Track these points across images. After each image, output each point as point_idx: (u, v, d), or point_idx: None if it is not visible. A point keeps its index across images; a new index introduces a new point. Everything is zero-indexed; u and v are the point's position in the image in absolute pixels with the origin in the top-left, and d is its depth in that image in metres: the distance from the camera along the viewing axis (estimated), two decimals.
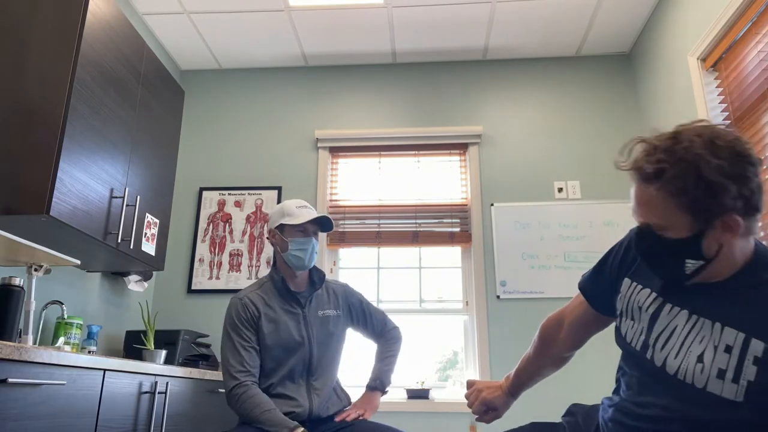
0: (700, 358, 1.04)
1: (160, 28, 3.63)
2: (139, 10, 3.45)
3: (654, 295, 1.15)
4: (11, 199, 2.00)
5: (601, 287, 1.29)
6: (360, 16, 3.48)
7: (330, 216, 3.67)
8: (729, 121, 2.71)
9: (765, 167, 2.45)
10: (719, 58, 2.76)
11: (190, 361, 3.05)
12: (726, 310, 1.04)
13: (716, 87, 2.82)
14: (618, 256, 1.26)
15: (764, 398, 0.98)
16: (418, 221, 3.65)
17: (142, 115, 2.68)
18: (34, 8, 2.22)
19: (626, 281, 1.22)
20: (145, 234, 2.68)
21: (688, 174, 0.97)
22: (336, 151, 3.84)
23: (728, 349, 1.01)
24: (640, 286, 1.18)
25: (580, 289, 1.37)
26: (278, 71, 4.04)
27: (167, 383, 2.30)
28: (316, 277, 2.10)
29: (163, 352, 2.81)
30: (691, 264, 1.03)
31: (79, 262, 2.13)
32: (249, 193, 3.75)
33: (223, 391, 3.00)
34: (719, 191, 0.96)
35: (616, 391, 1.27)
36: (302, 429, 1.73)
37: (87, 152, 2.21)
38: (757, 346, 0.99)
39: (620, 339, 1.21)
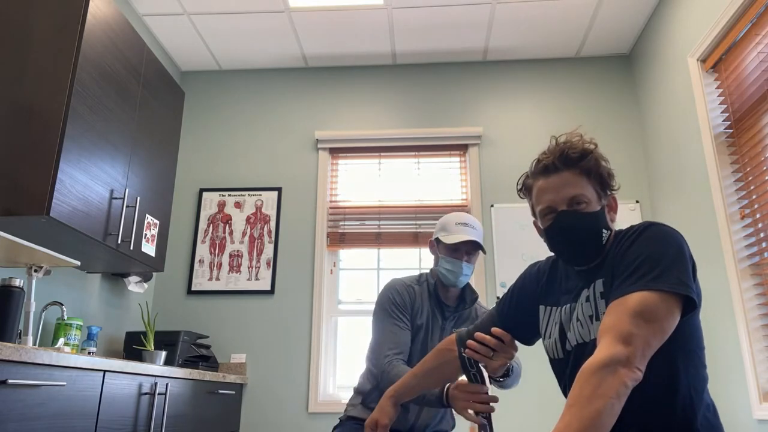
0: (579, 321, 1.27)
1: (160, 30, 3.63)
2: (140, 11, 3.46)
3: (554, 308, 1.37)
4: (11, 200, 2.00)
5: (519, 320, 1.46)
6: (360, 17, 3.49)
7: (332, 216, 3.69)
8: (729, 122, 2.71)
9: (765, 168, 2.45)
10: (719, 59, 2.76)
11: (190, 362, 3.05)
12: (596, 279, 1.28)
13: (716, 88, 2.82)
14: (527, 289, 1.46)
15: None
16: (418, 222, 3.65)
17: (143, 116, 2.68)
18: (34, 9, 2.22)
19: (541, 308, 1.42)
20: (145, 235, 2.68)
21: (598, 161, 1.28)
22: (336, 152, 3.84)
23: (589, 300, 1.25)
24: (550, 308, 1.39)
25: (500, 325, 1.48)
26: (278, 72, 4.04)
27: (167, 384, 2.30)
28: (468, 297, 2.02)
29: (163, 353, 2.81)
30: (605, 233, 1.26)
31: (79, 263, 2.13)
32: (249, 194, 3.75)
33: (223, 391, 3.00)
34: (610, 175, 1.29)
35: None
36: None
37: (87, 153, 2.21)
38: (599, 285, 1.24)
39: (549, 357, 1.38)
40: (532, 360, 3.26)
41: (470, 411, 1.53)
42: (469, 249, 1.93)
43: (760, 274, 2.52)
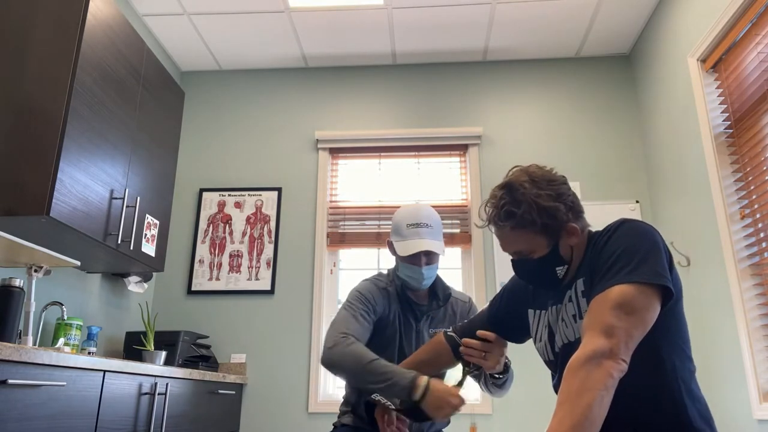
0: (564, 321, 1.30)
1: (160, 30, 3.63)
2: (140, 12, 3.46)
3: (542, 311, 1.39)
4: (11, 201, 2.00)
5: (510, 323, 1.51)
6: (360, 17, 3.49)
7: (332, 216, 3.69)
8: (729, 122, 2.72)
9: (765, 168, 2.45)
10: (719, 59, 2.76)
11: (190, 363, 3.05)
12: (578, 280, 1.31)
13: (716, 88, 2.82)
14: (516, 293, 1.51)
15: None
16: None
17: (143, 116, 2.68)
18: (34, 9, 2.22)
19: (530, 312, 1.45)
20: (145, 235, 2.68)
21: (531, 209, 1.24)
22: (336, 152, 3.84)
23: (571, 299, 1.29)
24: (539, 311, 1.42)
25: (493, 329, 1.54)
26: (278, 72, 4.04)
27: (167, 384, 2.30)
28: (440, 293, 1.91)
29: (163, 353, 2.81)
30: (560, 270, 1.30)
31: (79, 263, 2.13)
32: (249, 194, 3.75)
33: (223, 391, 3.00)
34: (555, 212, 1.25)
35: None
36: (426, 378, 1.51)
37: (87, 153, 2.21)
38: (580, 285, 1.27)
39: (543, 359, 1.41)
40: (529, 361, 3.26)
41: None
42: (428, 252, 1.81)
43: (760, 274, 2.52)
